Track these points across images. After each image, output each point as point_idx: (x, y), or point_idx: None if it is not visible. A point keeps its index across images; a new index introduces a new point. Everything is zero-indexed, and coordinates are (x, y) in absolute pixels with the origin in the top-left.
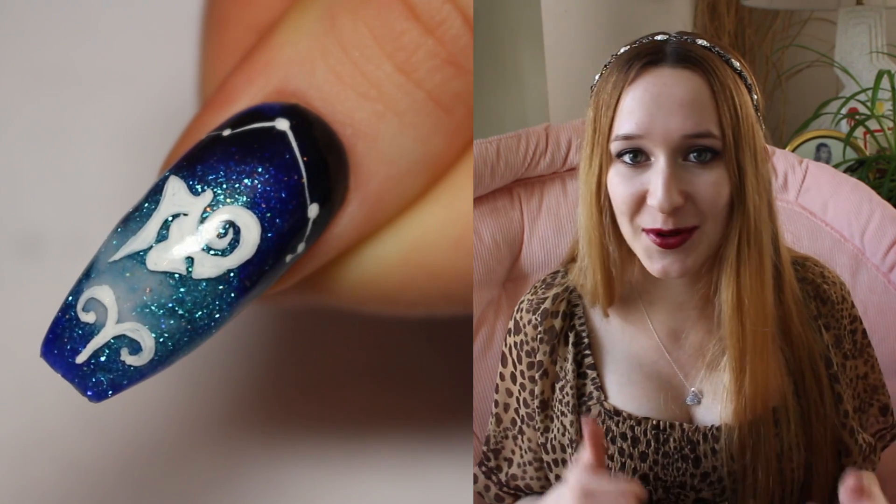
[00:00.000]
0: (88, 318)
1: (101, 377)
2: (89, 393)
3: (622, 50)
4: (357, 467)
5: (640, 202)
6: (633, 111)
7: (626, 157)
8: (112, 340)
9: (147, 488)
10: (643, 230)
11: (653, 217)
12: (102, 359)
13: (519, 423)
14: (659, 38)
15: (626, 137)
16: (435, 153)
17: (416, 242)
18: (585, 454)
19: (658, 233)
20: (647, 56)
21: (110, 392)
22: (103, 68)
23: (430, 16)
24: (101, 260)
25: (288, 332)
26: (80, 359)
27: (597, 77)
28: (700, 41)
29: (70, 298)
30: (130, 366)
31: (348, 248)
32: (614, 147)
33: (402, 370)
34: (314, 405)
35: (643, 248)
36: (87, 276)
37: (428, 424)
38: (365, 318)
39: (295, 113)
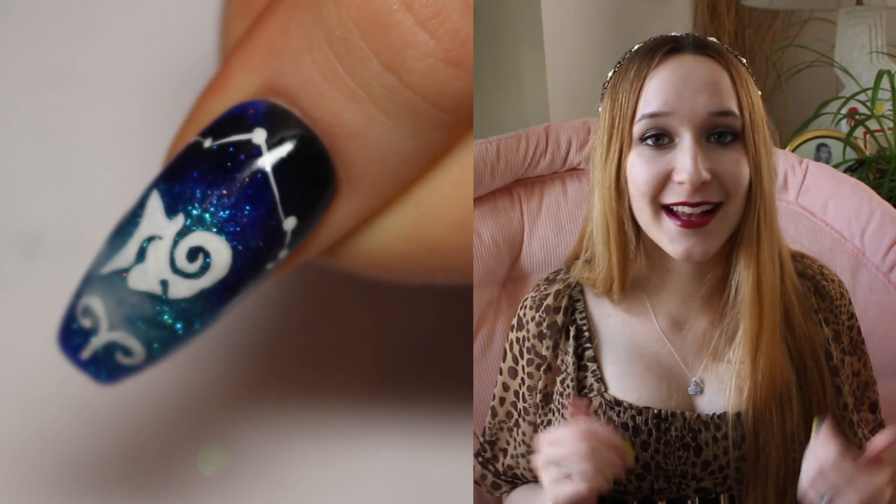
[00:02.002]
0: (86, 322)
1: (104, 372)
2: (99, 381)
3: (636, 47)
4: (356, 456)
5: (663, 181)
6: (659, 91)
7: (649, 140)
8: (107, 344)
9: (146, 480)
10: (665, 209)
11: (677, 193)
12: (101, 357)
13: (515, 415)
14: (673, 34)
15: (653, 115)
16: (433, 145)
17: (419, 218)
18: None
19: (683, 208)
20: (668, 44)
21: (117, 379)
22: (103, 68)
23: (424, 4)
24: (96, 269)
25: (288, 321)
26: (84, 356)
27: (610, 74)
28: (710, 38)
29: (72, 301)
30: (127, 365)
31: (348, 233)
32: (638, 128)
33: (402, 359)
34: (313, 395)
35: (665, 231)
36: (84, 283)
37: (428, 409)
38: (363, 288)
39: (277, 118)
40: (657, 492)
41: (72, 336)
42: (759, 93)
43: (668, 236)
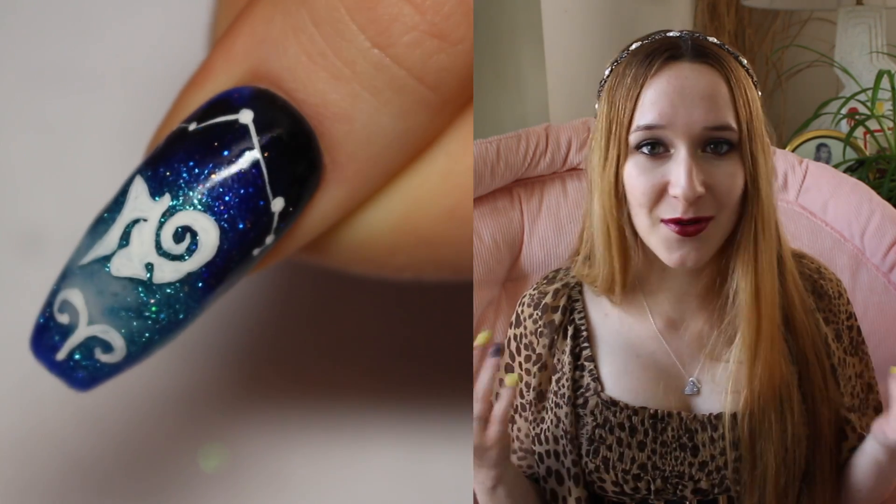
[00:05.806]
0: (63, 319)
1: (80, 373)
2: (73, 385)
3: (634, 46)
4: (356, 456)
5: (659, 193)
6: (655, 102)
7: (645, 149)
8: (86, 340)
9: (146, 479)
10: (661, 221)
11: (673, 207)
12: (78, 356)
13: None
14: (671, 34)
15: (649, 127)
16: (419, 128)
17: (408, 210)
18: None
19: (678, 222)
20: (666, 51)
21: (92, 384)
22: (103, 67)
23: None
24: (74, 262)
25: (287, 320)
26: (60, 356)
27: (606, 72)
28: (710, 38)
29: (48, 299)
30: (106, 363)
31: (333, 224)
32: (634, 138)
33: (402, 359)
34: (313, 394)
35: (661, 239)
36: (62, 278)
37: (428, 409)
38: (363, 287)
39: (263, 100)
40: (654, 492)
41: (46, 337)
42: (759, 93)
43: (664, 244)
